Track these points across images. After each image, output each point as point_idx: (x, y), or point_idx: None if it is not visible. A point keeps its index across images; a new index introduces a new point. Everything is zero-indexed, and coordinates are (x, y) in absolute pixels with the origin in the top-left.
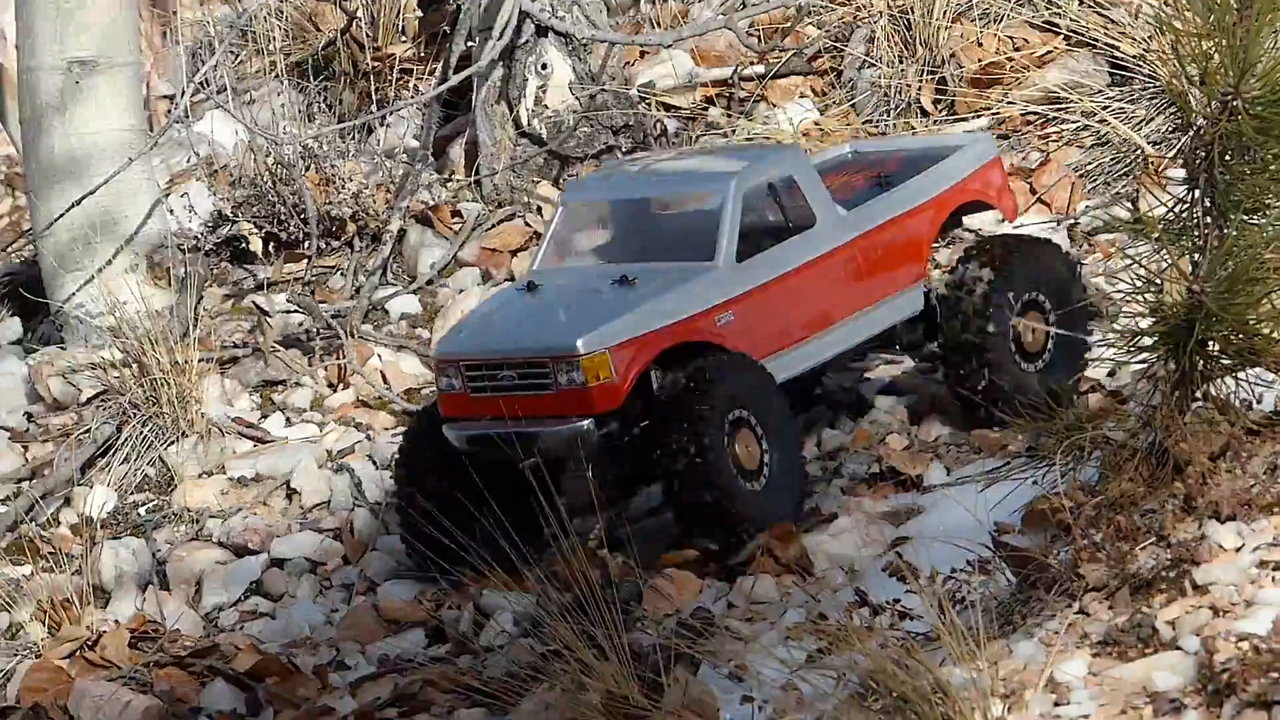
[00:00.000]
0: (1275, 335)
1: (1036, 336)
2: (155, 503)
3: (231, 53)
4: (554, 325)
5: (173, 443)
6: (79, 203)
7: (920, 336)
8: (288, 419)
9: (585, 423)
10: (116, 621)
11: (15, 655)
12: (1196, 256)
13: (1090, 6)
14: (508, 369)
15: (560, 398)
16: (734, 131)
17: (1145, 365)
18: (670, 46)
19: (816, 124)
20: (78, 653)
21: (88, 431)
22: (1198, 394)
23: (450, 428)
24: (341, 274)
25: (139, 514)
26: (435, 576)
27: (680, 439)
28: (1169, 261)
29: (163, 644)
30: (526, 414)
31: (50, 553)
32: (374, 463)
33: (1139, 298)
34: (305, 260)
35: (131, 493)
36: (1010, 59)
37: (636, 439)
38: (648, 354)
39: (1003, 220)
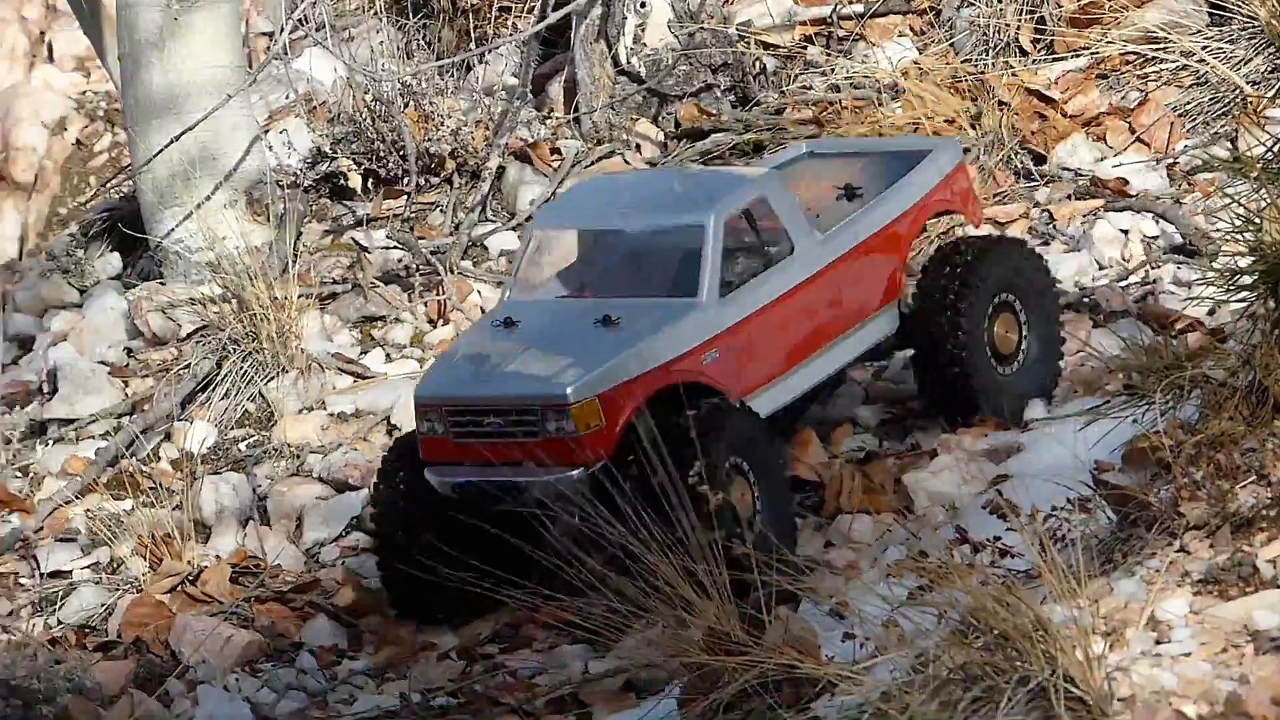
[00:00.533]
0: None
1: (1009, 339)
2: (255, 438)
3: None
4: (540, 370)
5: (273, 378)
6: (178, 139)
7: (894, 343)
8: (387, 354)
9: (575, 472)
10: (217, 557)
11: (116, 590)
12: None
13: None
14: (494, 415)
15: (549, 446)
16: (832, 70)
17: (1244, 304)
18: None
19: (915, 63)
20: (179, 588)
21: (187, 367)
22: None
23: (433, 473)
24: (441, 210)
25: (239, 449)
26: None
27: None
28: (1268, 200)
29: (263, 579)
30: (513, 460)
31: (151, 488)
32: None
33: (1238, 237)
34: (404, 197)
35: (231, 428)
36: None
37: (627, 487)
38: (637, 399)
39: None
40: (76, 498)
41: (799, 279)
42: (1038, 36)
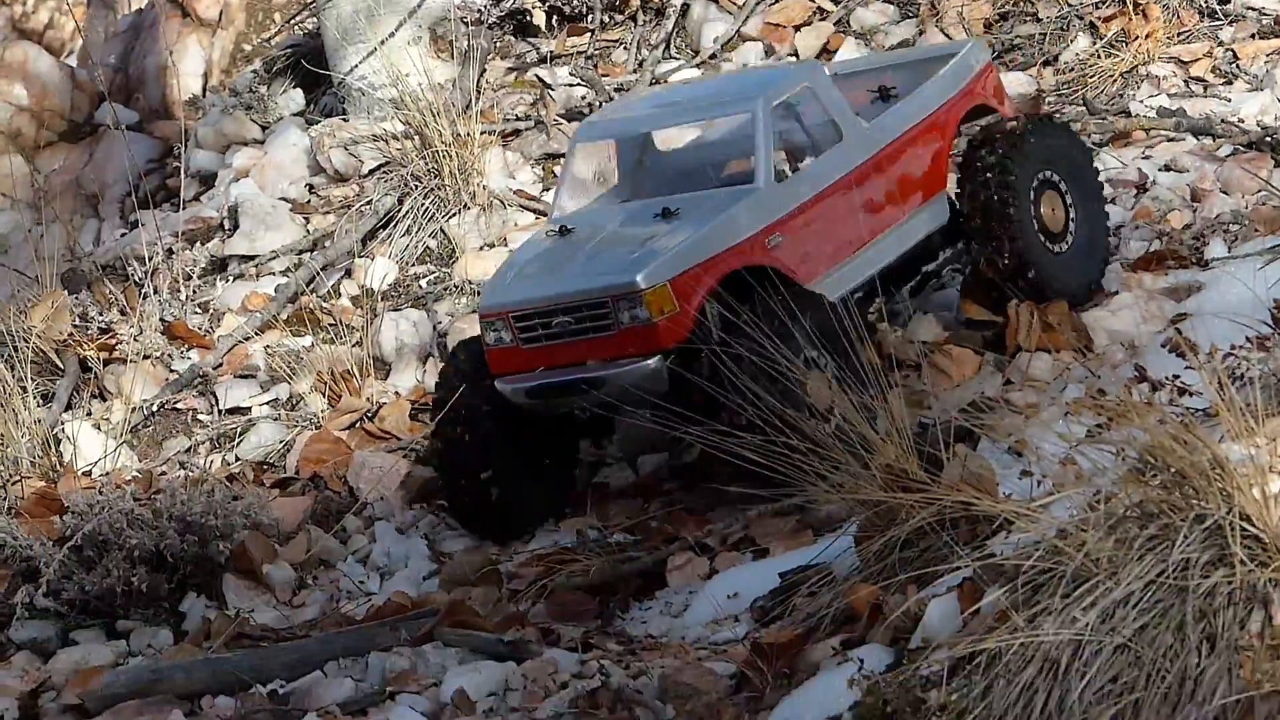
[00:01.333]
0: None
1: (1056, 216)
2: (436, 274)
3: None
4: (608, 263)
5: (454, 214)
6: None
7: (945, 238)
8: None
9: (652, 361)
10: (396, 393)
11: (295, 426)
12: None
13: None
14: (563, 314)
15: (623, 337)
16: None
17: None
18: None
19: None
20: (357, 424)
21: (369, 203)
22: None
23: (504, 382)
24: (624, 48)
25: (420, 286)
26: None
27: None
28: None
29: None
30: (586, 359)
31: (330, 324)
32: None
33: None
34: (588, 34)
35: (412, 264)
36: None
37: (705, 372)
38: (708, 282)
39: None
40: (256, 334)
41: (850, 166)
42: None
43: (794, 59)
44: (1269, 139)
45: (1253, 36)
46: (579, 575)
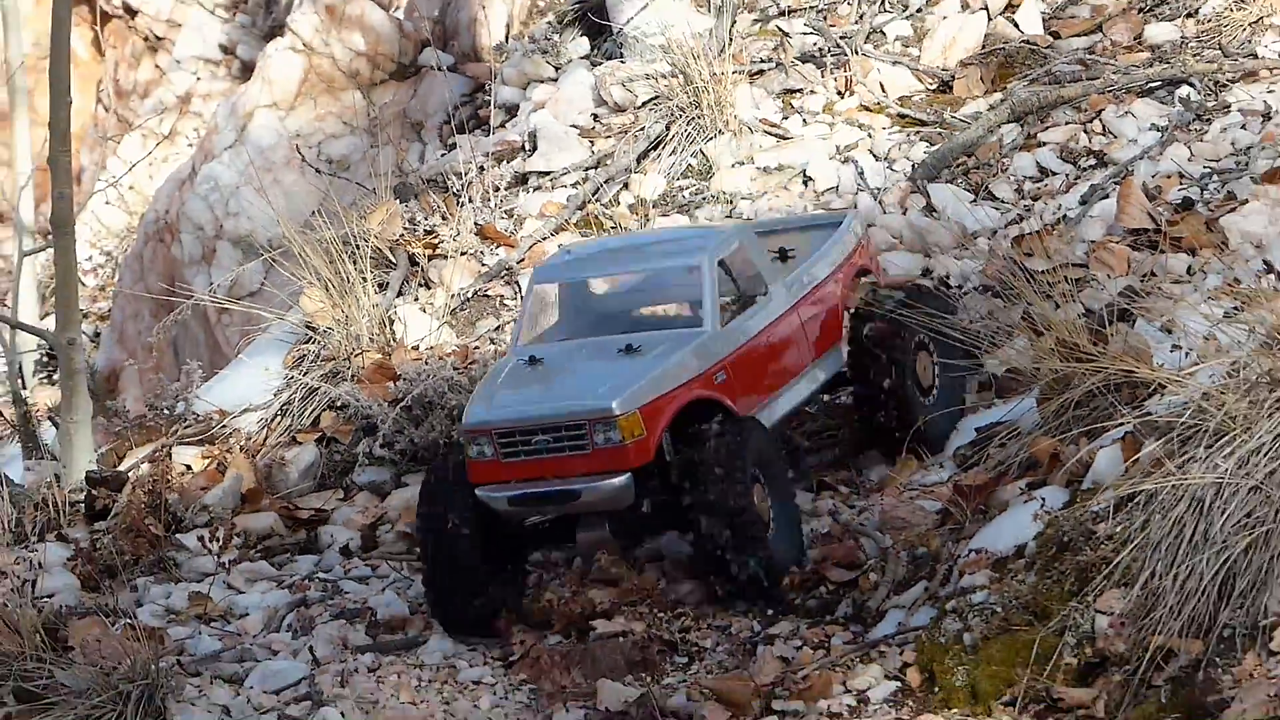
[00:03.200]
0: None
1: (926, 374)
2: (696, 187)
3: None
4: (583, 390)
5: (711, 139)
6: None
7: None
8: (804, 120)
9: (622, 478)
10: None
11: None
12: None
13: None
14: (543, 433)
15: (596, 456)
16: None
17: None
18: None
19: None
20: None
21: (642, 129)
22: None
23: (486, 491)
24: (848, 3)
25: (683, 196)
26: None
27: (723, 494)
28: None
29: None
30: (560, 475)
31: (611, 226)
32: (874, 156)
33: None
34: None
35: (677, 179)
36: None
37: (664, 492)
38: (670, 412)
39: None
40: (551, 235)
41: (776, 314)
42: None
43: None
44: None
45: None
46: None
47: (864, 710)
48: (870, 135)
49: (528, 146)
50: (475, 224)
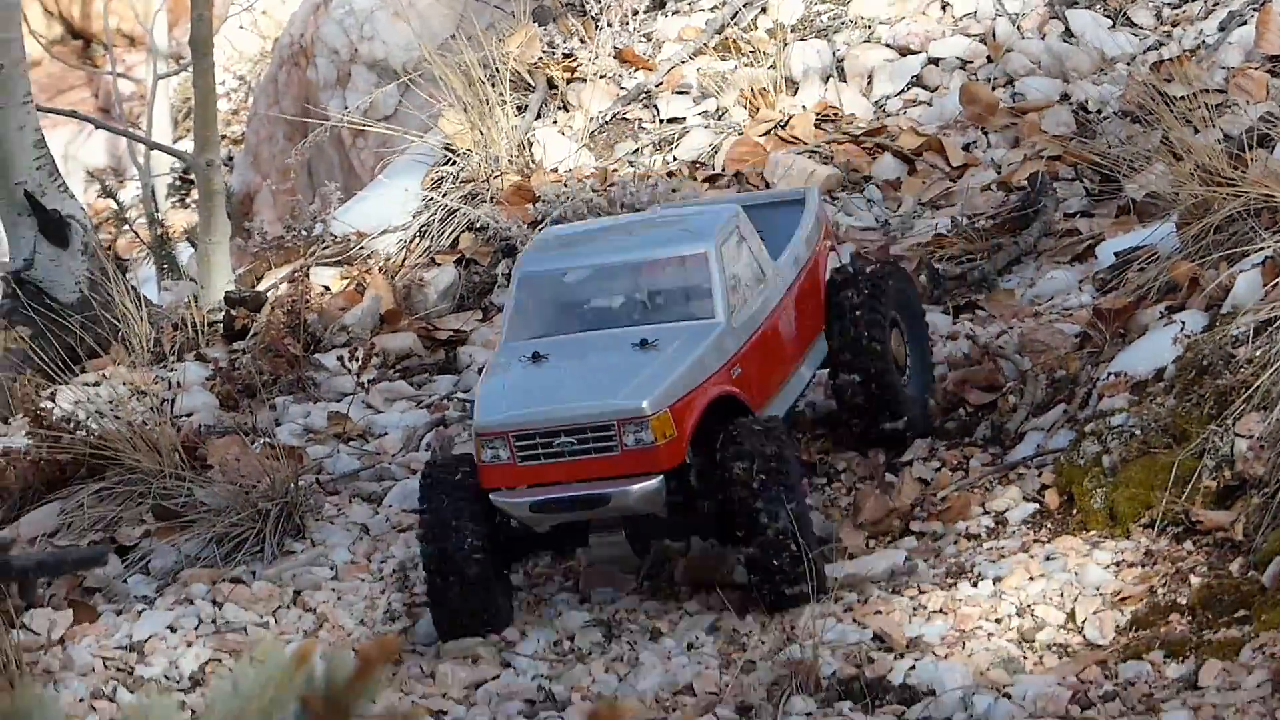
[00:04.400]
0: None
1: (899, 352)
2: (835, 11)
3: None
4: (608, 389)
5: None
6: None
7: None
8: None
9: (655, 481)
10: (803, 106)
11: (721, 133)
12: None
13: None
14: (566, 435)
15: (625, 458)
16: None
17: None
18: None
19: None
20: (772, 131)
21: None
22: None
23: (502, 496)
24: None
25: (822, 20)
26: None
27: (769, 498)
28: None
29: (841, 125)
30: (584, 478)
31: (750, 51)
32: None
33: None
34: None
35: (815, 4)
36: None
37: (693, 494)
38: (698, 410)
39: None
40: (690, 58)
41: (775, 301)
42: None
43: None
44: None
45: None
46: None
47: (1002, 532)
48: None
49: None
50: (613, 47)
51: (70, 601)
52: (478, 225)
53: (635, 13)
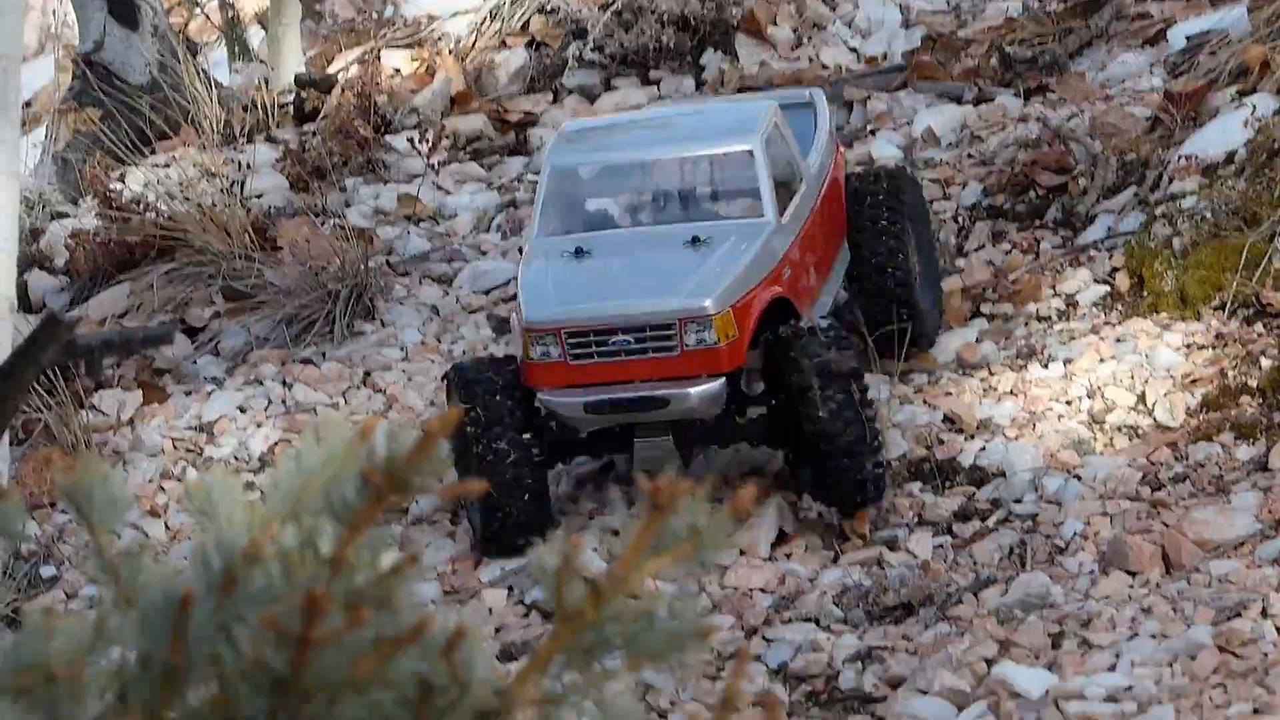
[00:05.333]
0: None
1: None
2: None
3: None
4: (668, 286)
5: None
6: None
7: None
8: None
9: (717, 383)
10: None
11: None
12: None
13: None
14: (623, 334)
15: (685, 359)
16: None
17: None
18: None
19: None
20: None
21: None
22: None
23: (551, 395)
24: None
25: None
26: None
27: (841, 411)
28: None
29: None
30: (640, 379)
31: None
32: None
33: None
34: None
35: None
36: None
37: (744, 399)
38: (757, 312)
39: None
40: None
41: (812, 203)
42: None
43: None
44: None
45: None
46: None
47: (1073, 314)
48: None
49: None
50: None
51: (140, 383)
52: (548, 8)
53: None
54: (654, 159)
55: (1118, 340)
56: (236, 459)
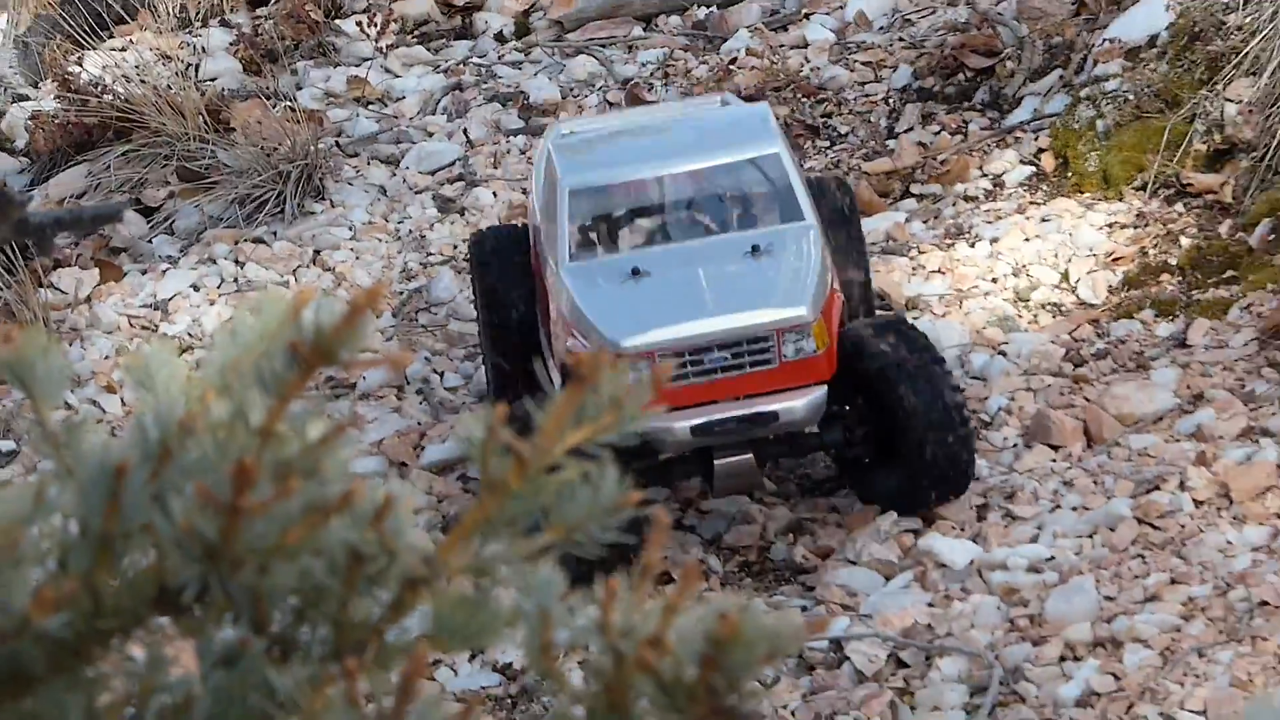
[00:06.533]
0: None
1: None
2: None
3: None
4: (758, 297)
5: None
6: None
7: None
8: None
9: (820, 392)
10: None
11: None
12: None
13: None
14: (720, 350)
15: (785, 371)
16: None
17: None
18: None
19: None
20: None
21: None
22: None
23: (655, 421)
24: None
25: None
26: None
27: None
28: None
29: None
30: (739, 394)
31: None
32: None
33: None
34: None
35: None
36: None
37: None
38: (836, 316)
39: None
40: None
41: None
42: None
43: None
44: None
45: None
46: None
47: (999, 194)
48: None
49: None
50: None
51: (97, 261)
52: None
53: None
54: (680, 170)
55: (1042, 220)
56: (190, 335)
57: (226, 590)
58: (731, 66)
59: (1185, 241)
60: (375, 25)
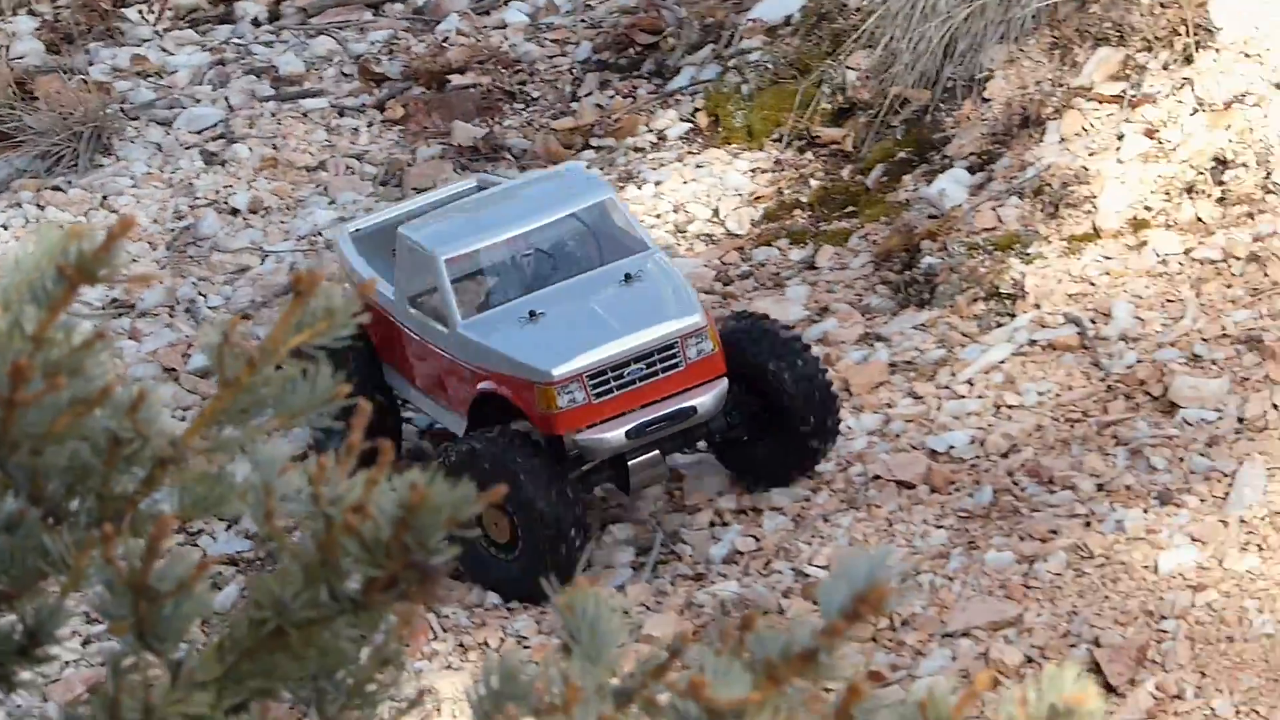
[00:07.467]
0: None
1: None
2: None
3: None
4: (654, 313)
5: None
6: None
7: None
8: None
9: (722, 383)
10: None
11: None
12: None
13: None
14: (635, 362)
15: (690, 371)
16: None
17: None
18: None
19: None
20: None
21: None
22: None
23: (590, 433)
24: None
25: None
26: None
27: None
28: None
29: None
30: (655, 398)
31: None
32: None
33: None
34: None
35: None
36: None
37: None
38: (711, 317)
39: None
40: None
41: None
42: None
43: None
44: None
45: None
46: None
47: (663, 145)
48: None
49: None
50: None
51: None
52: None
53: None
54: (534, 226)
55: (698, 166)
56: None
57: (6, 469)
58: (444, 44)
59: (814, 183)
60: (154, 12)
